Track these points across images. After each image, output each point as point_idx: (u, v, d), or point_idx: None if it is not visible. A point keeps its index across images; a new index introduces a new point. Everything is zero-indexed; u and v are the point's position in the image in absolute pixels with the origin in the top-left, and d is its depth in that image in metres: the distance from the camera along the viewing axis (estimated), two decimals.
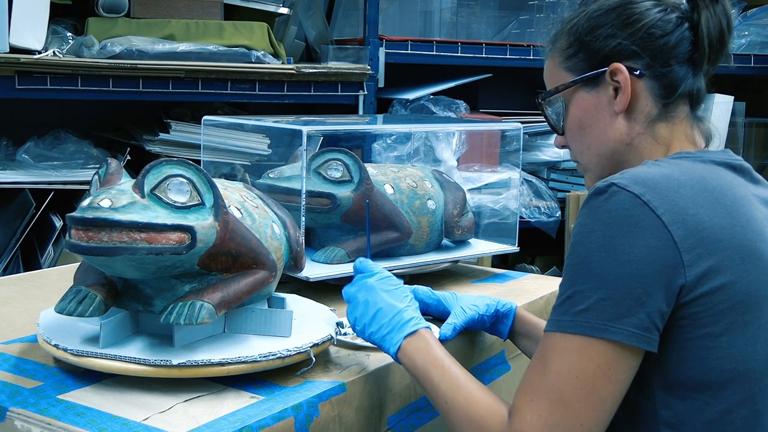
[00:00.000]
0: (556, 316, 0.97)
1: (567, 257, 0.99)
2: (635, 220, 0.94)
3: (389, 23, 3.00)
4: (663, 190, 0.96)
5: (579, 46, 1.11)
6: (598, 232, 0.95)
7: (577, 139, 1.15)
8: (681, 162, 1.04)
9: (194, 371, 1.02)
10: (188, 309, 1.01)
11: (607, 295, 0.93)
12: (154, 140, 2.45)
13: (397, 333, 1.07)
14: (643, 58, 1.08)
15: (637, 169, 1.01)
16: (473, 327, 1.30)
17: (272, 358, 1.05)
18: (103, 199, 0.98)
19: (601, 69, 1.09)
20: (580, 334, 0.94)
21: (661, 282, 0.93)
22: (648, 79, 1.08)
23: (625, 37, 1.08)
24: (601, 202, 0.96)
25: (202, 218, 1.02)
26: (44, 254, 2.28)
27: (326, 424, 1.04)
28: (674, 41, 1.07)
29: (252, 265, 1.09)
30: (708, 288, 0.95)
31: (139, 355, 1.02)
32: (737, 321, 0.96)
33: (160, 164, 1.02)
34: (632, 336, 0.93)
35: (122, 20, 2.40)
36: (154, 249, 0.97)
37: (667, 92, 1.09)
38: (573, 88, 1.12)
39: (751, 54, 3.26)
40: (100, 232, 0.97)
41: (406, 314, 1.09)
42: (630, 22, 1.08)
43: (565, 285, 0.97)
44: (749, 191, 1.05)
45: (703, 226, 0.96)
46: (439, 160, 2.72)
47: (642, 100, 1.09)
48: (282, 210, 1.27)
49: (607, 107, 1.10)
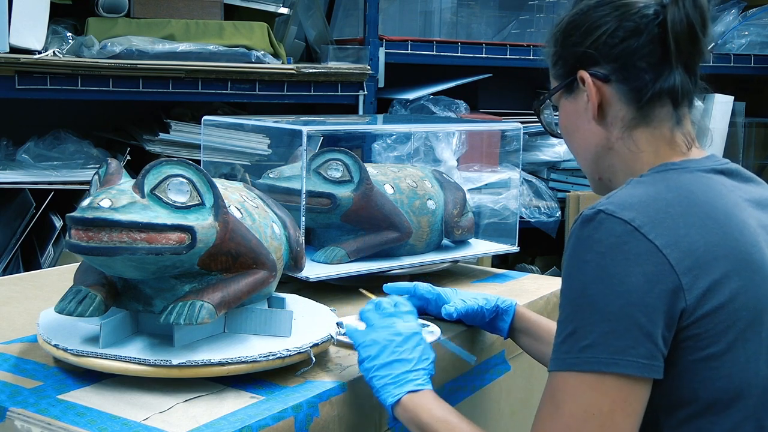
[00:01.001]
0: (560, 354, 0.93)
1: (562, 290, 0.96)
2: (628, 247, 0.92)
3: (389, 23, 3.00)
4: (652, 213, 0.94)
5: (558, 55, 1.12)
6: (592, 263, 0.92)
7: (567, 145, 1.16)
8: (666, 176, 1.02)
9: (194, 371, 1.02)
10: (188, 309, 1.01)
11: (611, 328, 0.90)
12: (154, 140, 2.45)
13: (399, 387, 1.05)
14: (607, 63, 1.06)
15: (623, 192, 0.98)
16: (473, 319, 1.31)
17: (272, 358, 1.05)
18: (103, 199, 0.98)
19: (572, 77, 1.09)
20: (589, 372, 0.91)
21: (663, 307, 0.91)
22: (615, 84, 1.06)
23: (588, 45, 1.07)
24: (590, 231, 0.94)
25: (202, 218, 1.02)
26: (44, 254, 2.28)
27: (326, 425, 1.04)
28: (638, 44, 1.05)
29: (252, 265, 1.09)
30: (707, 309, 0.93)
31: (139, 355, 1.02)
32: (738, 338, 0.94)
33: (160, 164, 1.02)
34: (642, 367, 0.91)
35: (122, 20, 2.40)
36: (154, 249, 0.97)
37: (637, 95, 1.06)
38: (558, 95, 1.13)
39: (751, 54, 3.26)
40: (100, 232, 0.97)
41: (415, 374, 1.06)
42: (590, 30, 1.07)
43: (565, 321, 0.94)
44: (740, 196, 1.03)
45: (696, 246, 0.93)
46: (439, 160, 2.72)
47: (613, 105, 1.07)
48: (282, 210, 1.27)
49: (584, 114, 1.09)
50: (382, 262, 1.52)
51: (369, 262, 1.50)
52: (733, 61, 3.24)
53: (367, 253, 1.51)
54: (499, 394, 1.41)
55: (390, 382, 1.05)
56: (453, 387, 1.28)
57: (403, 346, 1.08)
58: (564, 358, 0.93)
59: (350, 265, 1.48)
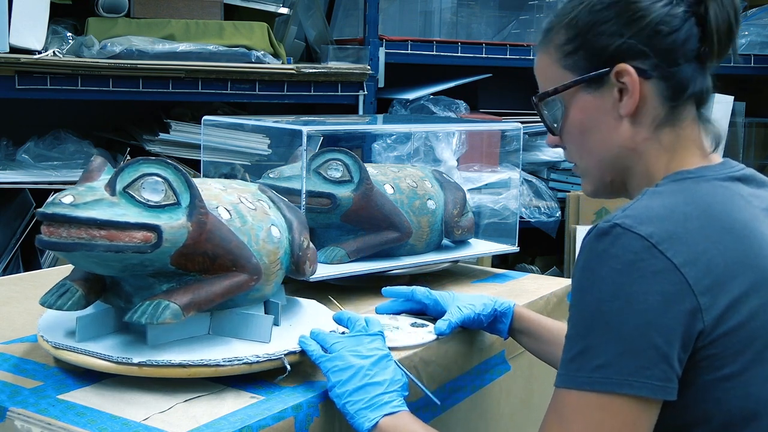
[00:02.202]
0: (569, 371, 0.90)
1: (573, 304, 0.92)
2: (646, 264, 0.88)
3: (389, 23, 3.00)
4: (670, 228, 0.90)
5: (579, 43, 1.02)
6: (608, 280, 0.89)
7: (577, 143, 1.07)
8: (683, 186, 0.98)
9: (154, 371, 1.02)
10: (152, 308, 1.01)
11: (626, 348, 0.87)
12: (154, 140, 2.45)
13: (375, 411, 1.00)
14: (650, 57, 0.99)
15: (640, 204, 0.94)
16: (470, 326, 1.30)
17: (237, 364, 1.04)
18: (66, 195, 0.99)
19: (606, 69, 1.01)
20: (600, 392, 0.88)
21: (680, 328, 0.88)
22: (656, 80, 1.00)
23: (631, 35, 0.99)
24: (606, 246, 0.90)
25: (175, 218, 1.01)
26: (44, 254, 2.28)
27: (327, 425, 1.04)
28: (682, 38, 0.99)
29: (231, 268, 1.08)
30: (726, 329, 0.89)
31: (108, 351, 1.03)
32: (756, 358, 0.91)
33: (137, 162, 1.02)
34: (656, 389, 0.88)
35: (122, 20, 2.40)
36: (114, 246, 0.97)
37: (676, 93, 1.01)
38: (574, 89, 1.04)
39: (751, 54, 3.26)
40: (59, 227, 0.97)
41: (388, 396, 1.02)
42: (635, 19, 0.99)
43: (576, 337, 0.91)
44: (757, 206, 0.99)
45: (715, 263, 0.90)
46: (439, 160, 2.72)
47: (649, 102, 1.01)
48: (294, 213, 1.25)
49: (612, 110, 1.02)
50: (382, 262, 1.52)
51: (369, 262, 1.50)
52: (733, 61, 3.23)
53: (367, 253, 1.51)
54: (499, 394, 1.41)
55: (364, 406, 1.00)
56: (453, 387, 1.28)
57: (373, 369, 1.03)
58: (574, 375, 0.90)
59: (350, 265, 1.48)
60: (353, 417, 1.00)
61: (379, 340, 1.08)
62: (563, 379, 0.91)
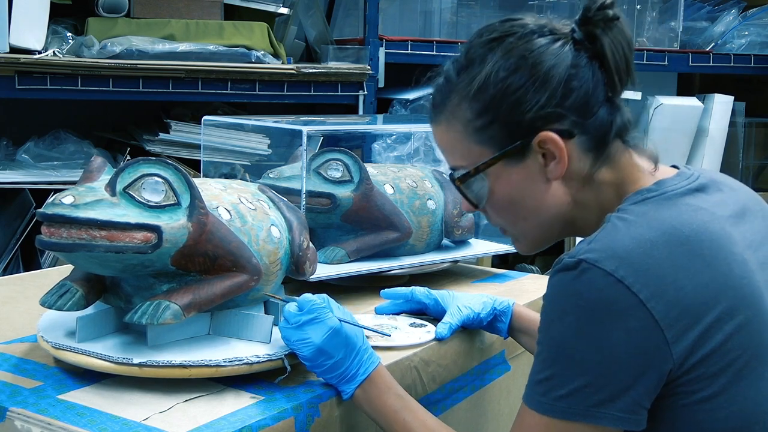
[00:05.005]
0: (535, 393, 0.91)
1: (540, 330, 0.92)
2: (610, 301, 0.87)
3: (389, 23, 3.00)
4: (636, 260, 0.88)
5: (492, 117, 0.97)
6: (572, 316, 0.88)
7: (507, 213, 1.02)
8: (647, 209, 0.94)
9: (155, 371, 1.02)
10: (152, 309, 1.01)
11: (589, 383, 0.87)
12: (154, 140, 2.45)
13: (349, 384, 1.05)
14: (567, 117, 0.95)
15: (605, 235, 0.91)
16: (470, 326, 1.30)
17: (238, 364, 1.04)
18: (66, 195, 0.99)
19: (527, 139, 0.96)
20: (562, 419, 0.88)
21: (645, 365, 0.87)
22: (578, 137, 0.96)
23: (545, 100, 0.95)
24: (570, 281, 0.88)
25: (175, 218, 1.01)
26: (44, 254, 2.28)
27: (327, 425, 1.04)
28: (593, 87, 0.96)
29: (231, 268, 1.08)
30: (700, 356, 0.88)
31: (108, 351, 1.03)
32: (736, 377, 0.89)
33: (137, 163, 1.03)
34: (618, 420, 0.87)
35: (122, 20, 2.40)
36: (114, 247, 0.97)
37: (601, 141, 0.97)
38: (497, 165, 0.98)
39: (751, 54, 3.26)
40: (60, 228, 0.97)
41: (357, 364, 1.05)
42: (545, 81, 0.95)
43: (542, 363, 0.90)
44: (722, 216, 0.96)
45: (684, 293, 0.88)
46: (439, 160, 2.72)
47: (576, 159, 0.97)
48: (294, 213, 1.25)
49: (539, 176, 0.98)
50: (382, 262, 1.52)
51: (369, 262, 1.50)
52: (733, 61, 3.24)
53: (367, 253, 1.51)
54: (499, 394, 1.41)
55: (337, 382, 1.05)
56: (453, 387, 1.28)
57: (328, 350, 1.04)
58: (539, 399, 0.90)
59: (350, 265, 1.48)
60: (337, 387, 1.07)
61: (323, 315, 1.06)
62: (529, 399, 0.92)
